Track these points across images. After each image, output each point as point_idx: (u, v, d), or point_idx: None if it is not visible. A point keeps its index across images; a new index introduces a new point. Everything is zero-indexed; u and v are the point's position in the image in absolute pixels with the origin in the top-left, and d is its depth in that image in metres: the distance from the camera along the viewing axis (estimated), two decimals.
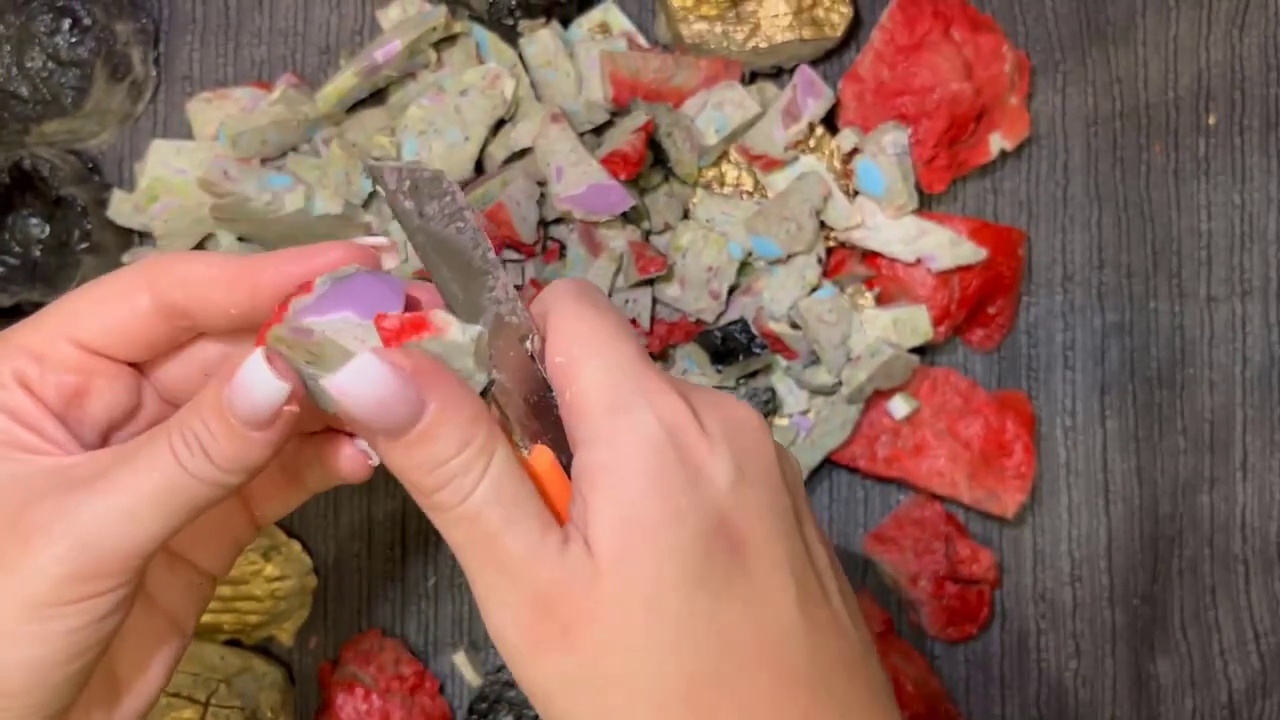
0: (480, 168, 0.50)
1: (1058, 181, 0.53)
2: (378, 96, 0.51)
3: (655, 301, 0.50)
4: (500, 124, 0.50)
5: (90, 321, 0.30)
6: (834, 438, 0.51)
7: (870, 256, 0.52)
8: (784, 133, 0.50)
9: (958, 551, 0.51)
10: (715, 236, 0.50)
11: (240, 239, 0.50)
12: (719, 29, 0.50)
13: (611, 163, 0.47)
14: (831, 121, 0.52)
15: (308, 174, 0.49)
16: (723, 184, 0.51)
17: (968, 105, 0.50)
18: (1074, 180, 0.53)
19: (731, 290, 0.50)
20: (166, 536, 0.28)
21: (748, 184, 0.51)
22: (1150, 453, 0.53)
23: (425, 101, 0.49)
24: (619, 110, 0.50)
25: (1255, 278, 0.53)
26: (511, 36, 0.51)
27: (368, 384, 0.26)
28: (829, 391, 0.50)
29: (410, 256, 0.47)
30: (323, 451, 0.32)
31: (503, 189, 0.48)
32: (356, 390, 0.26)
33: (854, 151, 0.51)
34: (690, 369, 0.50)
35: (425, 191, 0.28)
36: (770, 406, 0.50)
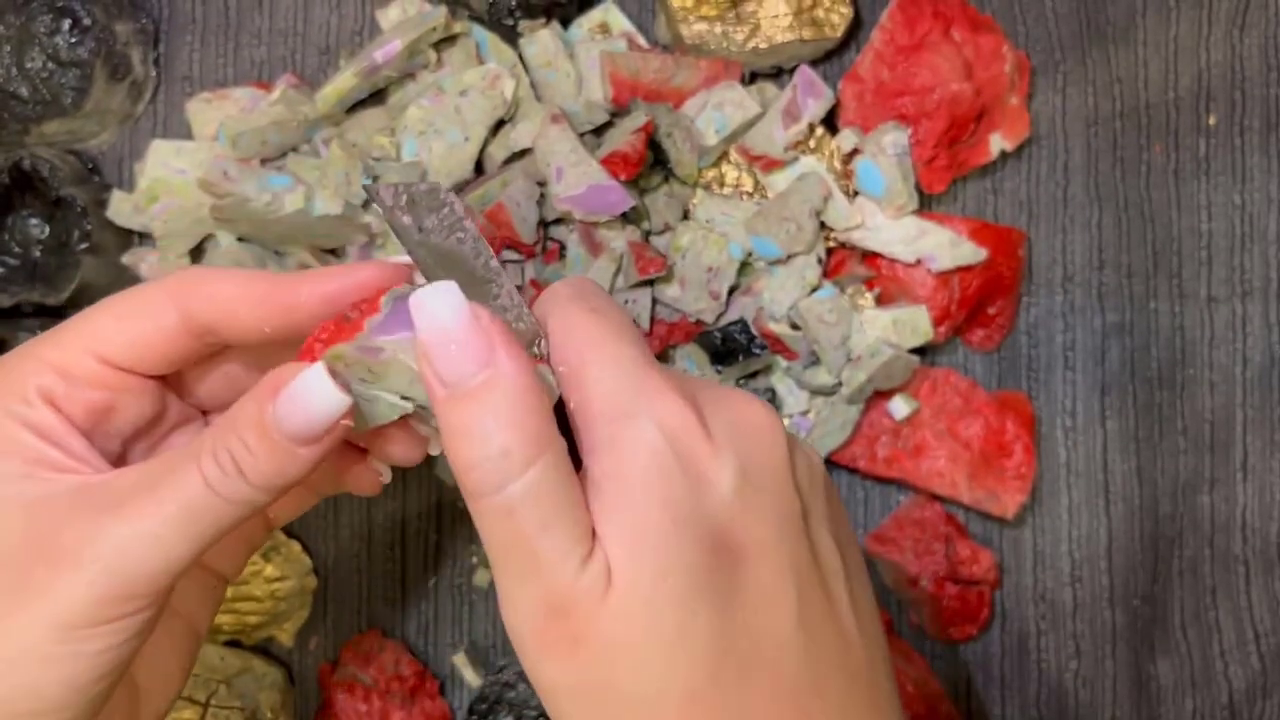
0: (480, 168, 0.50)
1: (1058, 182, 0.53)
2: (377, 97, 0.51)
3: (655, 302, 0.50)
4: (500, 124, 0.50)
5: (116, 338, 0.30)
6: (834, 438, 0.51)
7: (870, 257, 0.52)
8: (784, 133, 0.50)
9: (958, 552, 0.51)
10: (715, 237, 0.50)
11: (240, 239, 0.50)
12: (719, 29, 0.50)
13: (611, 163, 0.47)
14: (831, 122, 0.52)
15: (308, 174, 0.49)
16: (723, 184, 0.51)
17: (968, 105, 0.50)
18: (1074, 180, 0.53)
19: (731, 291, 0.50)
20: (193, 558, 0.28)
21: (748, 184, 0.51)
22: (1150, 453, 0.53)
23: (425, 102, 0.49)
24: (619, 111, 0.50)
25: (1255, 278, 0.53)
26: (511, 37, 0.51)
27: (448, 310, 0.26)
28: (829, 392, 0.50)
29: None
30: (336, 464, 0.32)
31: (503, 189, 0.48)
32: (434, 311, 0.26)
33: (854, 152, 0.51)
34: (690, 369, 0.50)
35: (423, 205, 0.28)
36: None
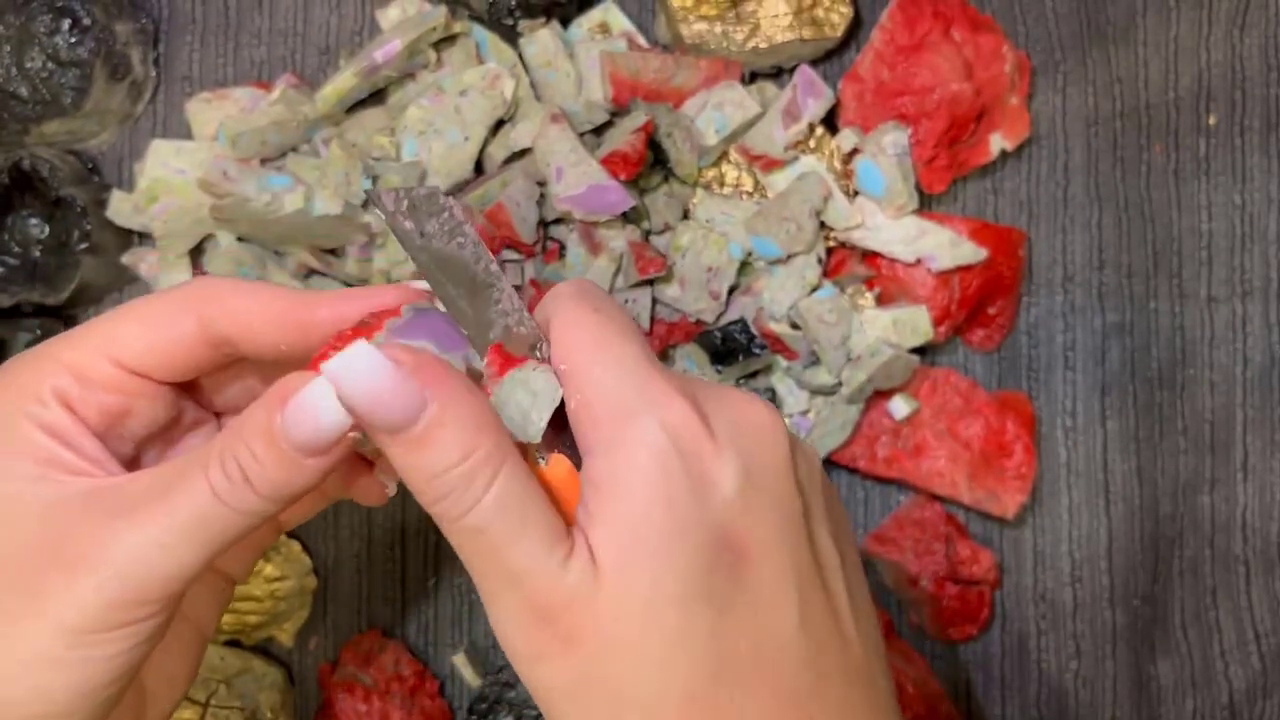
0: (480, 168, 0.50)
1: (1058, 182, 0.53)
2: (377, 97, 0.50)
3: (655, 302, 0.50)
4: (500, 124, 0.50)
5: (134, 343, 0.30)
6: (834, 438, 0.51)
7: (870, 257, 0.51)
8: (784, 133, 0.50)
9: (958, 552, 0.51)
10: (715, 237, 0.50)
11: (240, 239, 0.50)
12: (719, 29, 0.50)
13: (611, 163, 0.47)
14: (831, 122, 0.52)
15: (307, 174, 0.49)
16: (723, 184, 0.51)
17: (968, 105, 0.50)
18: (1074, 180, 0.53)
19: (731, 290, 0.50)
20: (205, 565, 0.28)
21: (748, 184, 0.51)
22: (1151, 453, 0.53)
23: (425, 102, 0.49)
24: (619, 110, 0.50)
25: (1256, 278, 0.53)
26: (511, 36, 0.51)
27: (362, 373, 0.26)
28: (829, 392, 0.50)
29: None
30: (344, 474, 0.32)
31: (502, 189, 0.48)
32: (349, 378, 0.26)
33: (854, 152, 0.51)
34: (690, 369, 0.50)
35: (423, 210, 0.28)
36: None
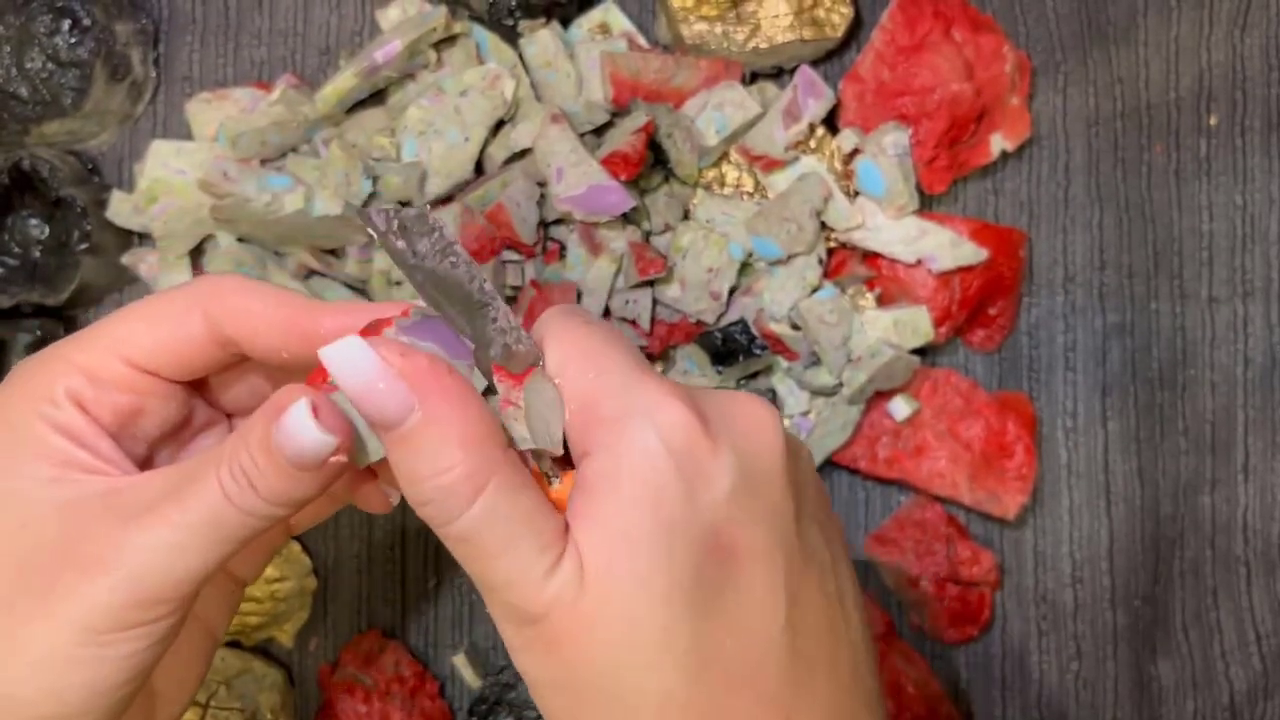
0: (480, 168, 0.50)
1: (1059, 182, 0.53)
2: (377, 97, 0.50)
3: (655, 302, 0.50)
4: (500, 125, 0.50)
5: (144, 342, 0.30)
6: (835, 439, 0.51)
7: (871, 257, 0.51)
8: (784, 133, 0.50)
9: (958, 553, 0.51)
10: (716, 237, 0.50)
11: (240, 240, 0.50)
12: (719, 29, 0.50)
13: (612, 163, 0.47)
14: (832, 122, 0.52)
15: (307, 175, 0.49)
16: (723, 185, 0.51)
17: (968, 106, 0.50)
18: (1075, 181, 0.53)
19: (732, 291, 0.50)
20: (218, 565, 0.28)
21: (748, 185, 0.51)
22: (1151, 454, 0.53)
23: (425, 102, 0.49)
24: (619, 111, 0.50)
25: (1257, 278, 0.53)
26: (511, 37, 0.51)
27: (353, 363, 0.26)
28: (830, 392, 0.50)
29: None
30: (348, 482, 0.33)
31: (503, 190, 0.48)
32: (341, 367, 0.26)
33: (854, 152, 0.51)
34: (690, 370, 0.50)
35: (414, 230, 0.28)
36: None
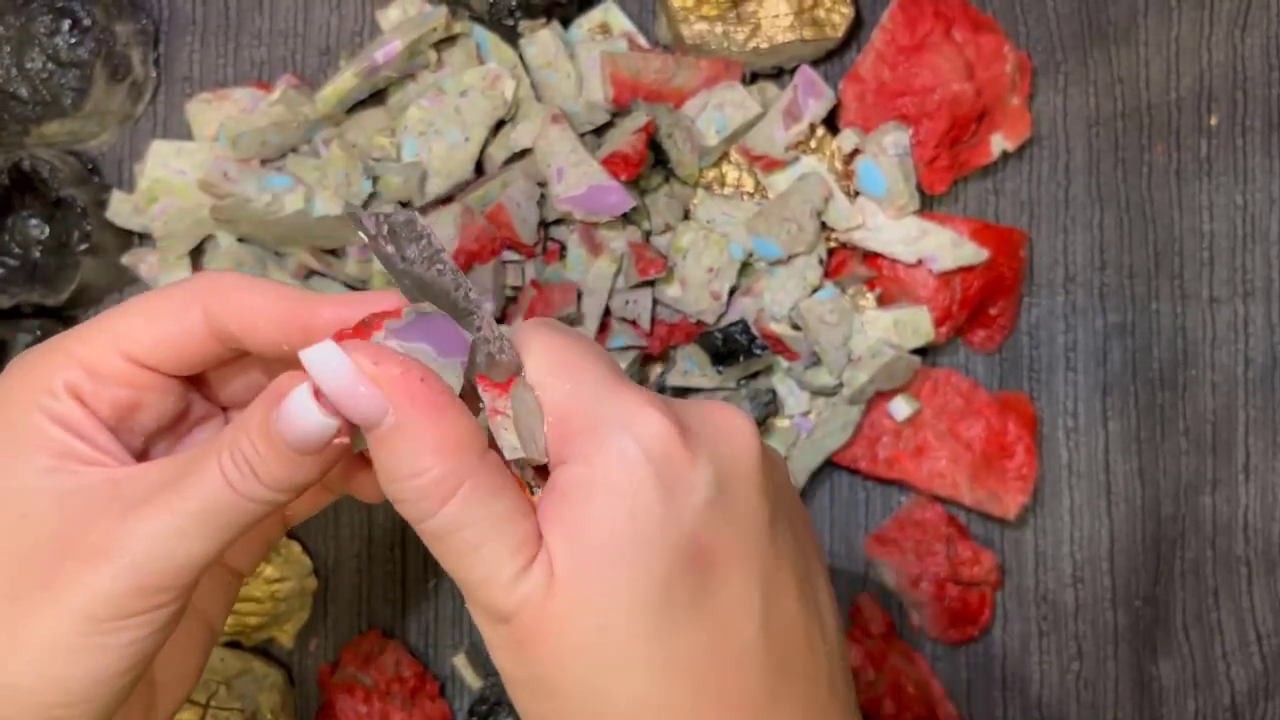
0: (480, 168, 0.50)
1: (1059, 182, 0.53)
2: (378, 97, 0.50)
3: (655, 302, 0.50)
4: (500, 125, 0.50)
5: (143, 336, 0.30)
6: (835, 439, 0.51)
7: (871, 257, 0.51)
8: (785, 133, 0.50)
9: (959, 553, 0.51)
10: (716, 237, 0.50)
11: (240, 240, 0.50)
12: (719, 29, 0.50)
13: (612, 163, 0.47)
14: (832, 122, 0.52)
15: (308, 175, 0.49)
16: (723, 185, 0.51)
17: (969, 106, 0.50)
18: (1075, 181, 0.53)
19: (732, 291, 0.50)
20: (218, 553, 0.29)
21: (748, 185, 0.51)
22: (1152, 454, 0.53)
23: (425, 102, 0.49)
24: (619, 111, 0.50)
25: (1257, 278, 0.53)
26: (512, 37, 0.51)
27: (328, 368, 0.26)
28: (830, 393, 0.50)
29: None
30: (347, 469, 0.33)
31: (503, 190, 0.48)
32: (319, 371, 0.26)
33: (855, 152, 0.51)
34: (691, 370, 0.50)
35: (403, 235, 0.28)
36: (771, 408, 0.50)
